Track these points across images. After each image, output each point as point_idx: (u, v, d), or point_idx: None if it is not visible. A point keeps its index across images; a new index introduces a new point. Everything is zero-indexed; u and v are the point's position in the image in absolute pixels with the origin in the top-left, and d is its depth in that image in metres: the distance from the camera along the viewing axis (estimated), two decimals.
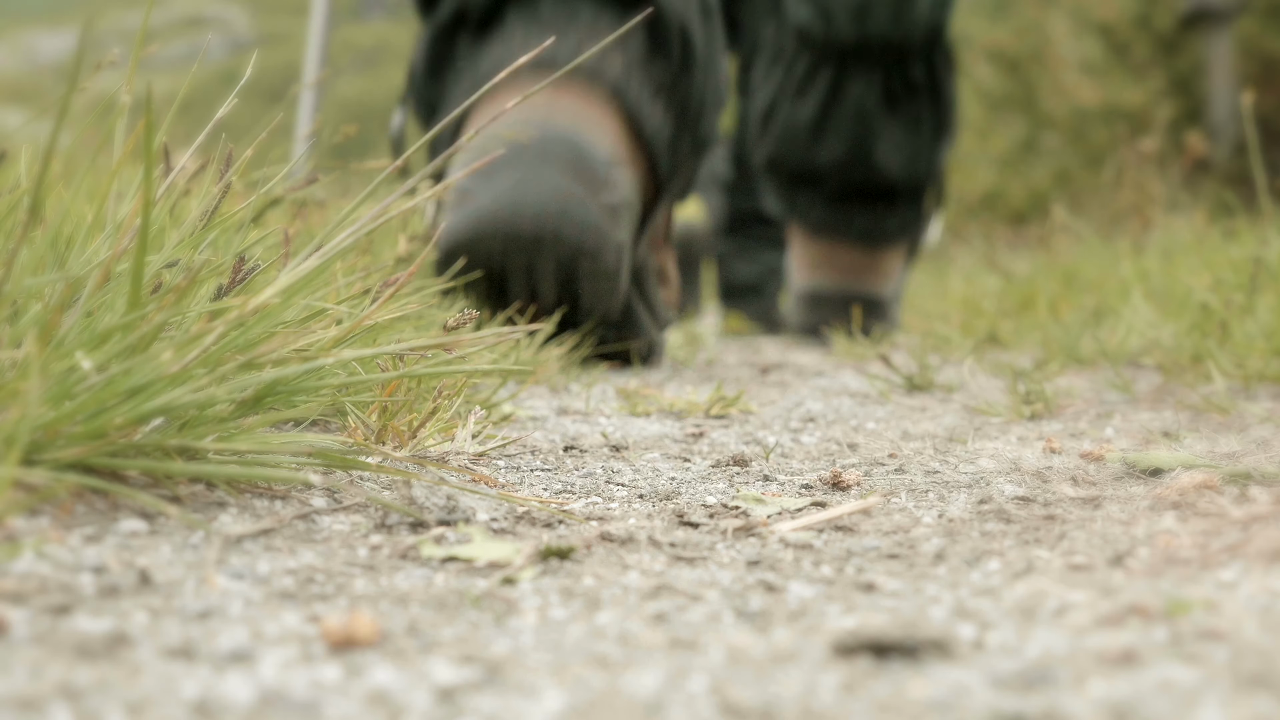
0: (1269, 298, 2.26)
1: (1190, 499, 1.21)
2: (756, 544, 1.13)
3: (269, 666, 0.74)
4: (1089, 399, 2.10)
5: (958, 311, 3.64)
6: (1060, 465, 1.45)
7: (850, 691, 0.74)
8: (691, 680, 0.76)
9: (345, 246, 1.16)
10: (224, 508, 1.06)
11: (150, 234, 1.02)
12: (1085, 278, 3.56)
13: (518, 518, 1.18)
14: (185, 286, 1.03)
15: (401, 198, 1.21)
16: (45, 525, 0.93)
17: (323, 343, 1.16)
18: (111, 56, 1.38)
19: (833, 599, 0.96)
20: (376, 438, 1.33)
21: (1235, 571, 0.96)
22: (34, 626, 0.76)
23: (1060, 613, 0.88)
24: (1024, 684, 0.74)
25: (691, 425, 1.88)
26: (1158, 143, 4.76)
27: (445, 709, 0.70)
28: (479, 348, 1.30)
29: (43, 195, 0.96)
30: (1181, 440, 1.57)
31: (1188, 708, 0.69)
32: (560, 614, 0.90)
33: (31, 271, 1.05)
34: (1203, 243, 3.38)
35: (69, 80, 0.97)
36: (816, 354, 3.33)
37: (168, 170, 1.33)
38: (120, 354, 1.00)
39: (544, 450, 1.59)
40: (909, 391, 2.29)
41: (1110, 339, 2.59)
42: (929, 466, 1.52)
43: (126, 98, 1.23)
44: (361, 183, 2.35)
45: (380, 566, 0.99)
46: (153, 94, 0.98)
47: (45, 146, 0.95)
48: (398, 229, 2.25)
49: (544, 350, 2.22)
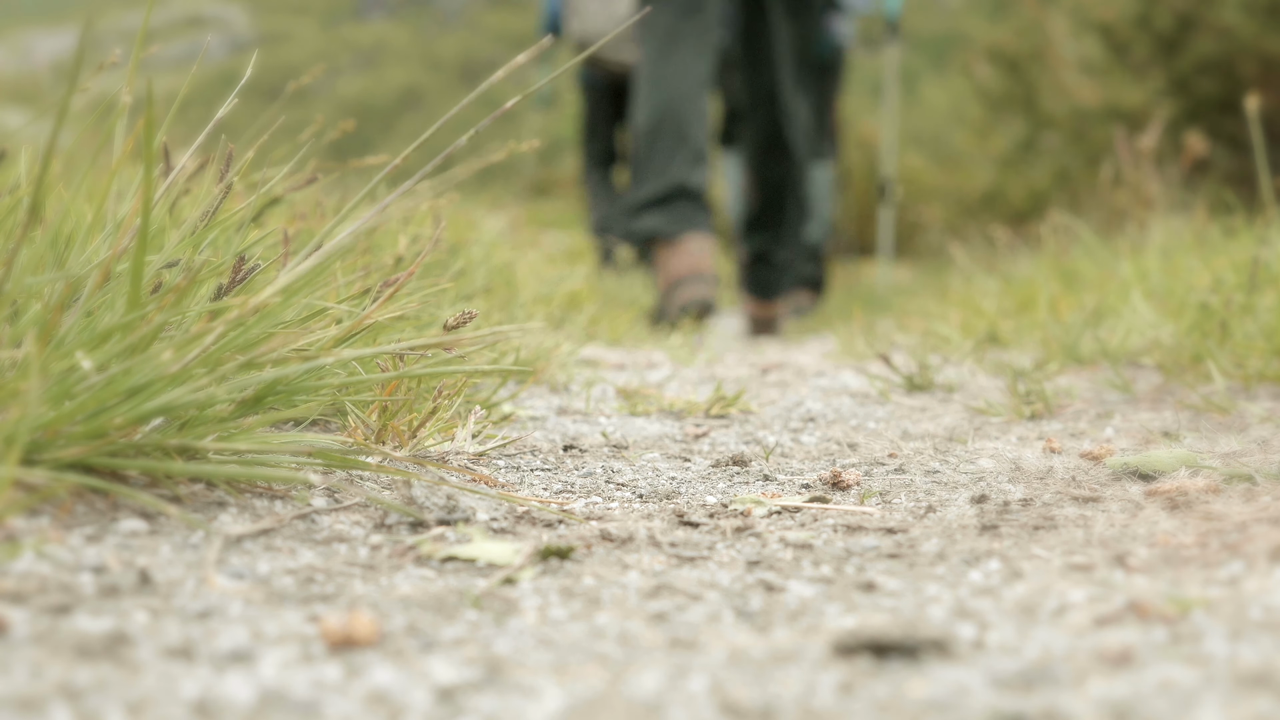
0: (1269, 297, 2.26)
1: (1190, 499, 1.21)
2: (756, 544, 1.13)
3: (269, 666, 0.74)
4: (1089, 399, 2.10)
5: (958, 311, 3.63)
6: (1060, 465, 1.45)
7: (850, 691, 0.74)
8: (691, 680, 0.76)
9: (345, 246, 1.16)
10: (224, 508, 1.06)
11: (150, 234, 1.02)
12: (1085, 278, 3.56)
13: (518, 517, 1.19)
14: (185, 286, 1.03)
15: (400, 197, 1.21)
16: (45, 525, 0.93)
17: (323, 342, 1.16)
18: (112, 56, 1.38)
19: (833, 599, 0.96)
20: (376, 438, 1.33)
21: (1236, 570, 0.96)
22: (34, 626, 0.76)
23: (1060, 612, 0.88)
24: (1024, 683, 0.74)
25: (691, 425, 1.88)
26: (1155, 141, 4.76)
27: (445, 709, 0.70)
28: (478, 347, 1.30)
29: (43, 195, 0.97)
30: (1181, 440, 1.57)
31: (1187, 707, 0.69)
32: (560, 614, 0.90)
33: (31, 271, 1.05)
34: (1202, 242, 3.38)
35: (69, 80, 0.97)
36: (816, 354, 3.33)
37: (168, 170, 1.33)
38: (120, 354, 1.00)
39: (544, 450, 1.59)
40: (909, 391, 2.29)
41: (1110, 339, 2.59)
42: (929, 466, 1.52)
43: (126, 98, 1.23)
44: (361, 181, 2.35)
45: (380, 566, 0.99)
46: (153, 94, 0.98)
47: (45, 146, 0.95)
48: (398, 229, 2.25)
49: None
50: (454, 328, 1.30)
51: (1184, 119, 7.70)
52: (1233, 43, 7.80)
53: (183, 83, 1.31)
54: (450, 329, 1.30)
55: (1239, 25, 7.75)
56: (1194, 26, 8.09)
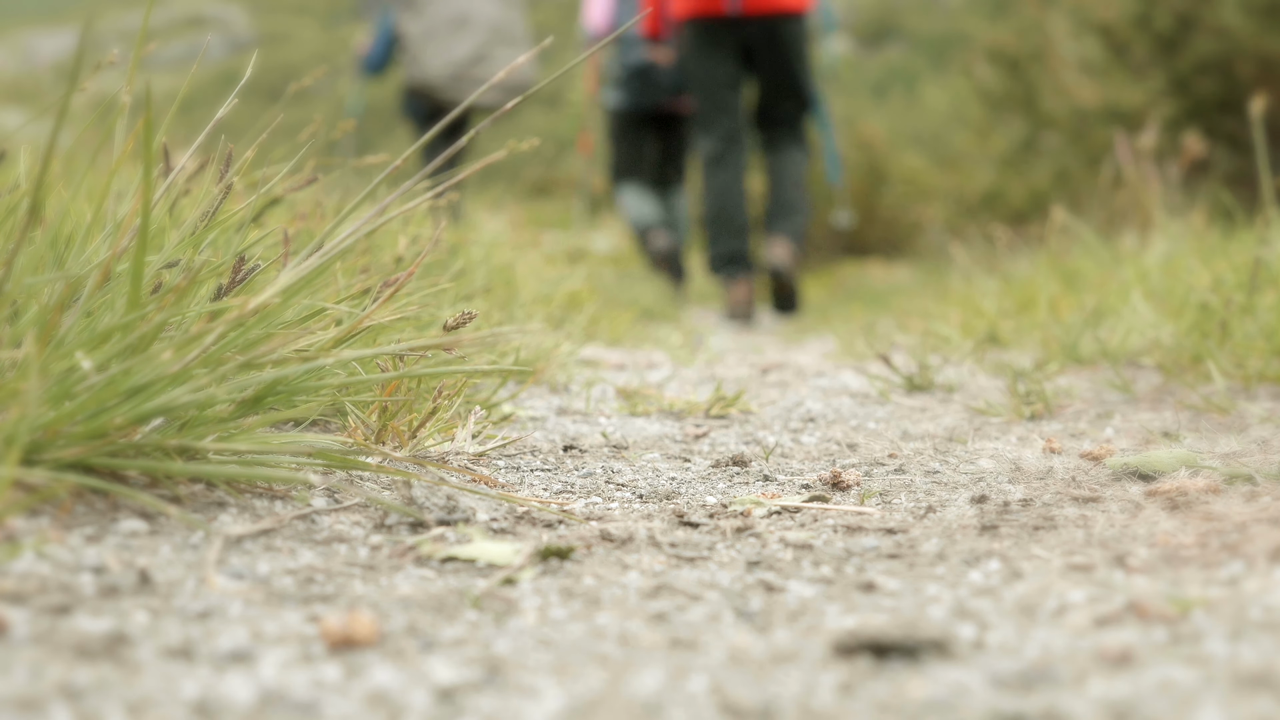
0: (1269, 298, 2.26)
1: (1190, 499, 1.21)
2: (756, 544, 1.13)
3: (269, 666, 0.74)
4: (1089, 399, 2.10)
5: (958, 311, 3.63)
6: (1060, 465, 1.45)
7: (850, 691, 0.74)
8: (691, 680, 0.76)
9: (345, 246, 1.16)
10: (224, 508, 1.06)
11: (150, 234, 1.02)
12: (1085, 278, 3.56)
13: (518, 518, 1.19)
14: (185, 286, 1.03)
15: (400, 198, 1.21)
16: (45, 525, 0.93)
17: (323, 343, 1.16)
18: (111, 56, 1.38)
19: (832, 599, 0.96)
20: (376, 438, 1.33)
21: (1236, 570, 0.96)
22: (34, 626, 0.76)
23: (1060, 612, 0.88)
24: (1024, 684, 0.74)
25: (691, 425, 1.88)
26: (1153, 140, 4.76)
27: (445, 709, 0.70)
28: (478, 347, 1.30)
29: (43, 195, 0.97)
30: (1181, 440, 1.57)
31: (1187, 707, 0.69)
32: (560, 614, 0.90)
33: (31, 271, 1.05)
34: (1203, 243, 3.38)
35: (69, 80, 0.97)
36: (816, 354, 3.33)
37: (168, 170, 1.33)
38: (120, 354, 1.00)
39: (544, 450, 1.59)
40: (909, 391, 2.29)
41: (1110, 339, 2.59)
42: (929, 467, 1.52)
43: (126, 98, 1.23)
44: (362, 181, 2.35)
45: (380, 567, 0.99)
46: (152, 94, 0.99)
47: (45, 146, 0.95)
48: (398, 229, 2.25)
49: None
50: (454, 328, 1.30)
51: (1184, 119, 7.70)
52: (1232, 43, 7.80)
53: (183, 83, 1.31)
54: (450, 329, 1.30)
55: (1238, 25, 7.75)
56: (1193, 26, 8.09)
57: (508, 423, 1.73)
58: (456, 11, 6.27)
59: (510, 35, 6.35)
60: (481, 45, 6.28)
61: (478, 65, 6.22)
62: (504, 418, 1.71)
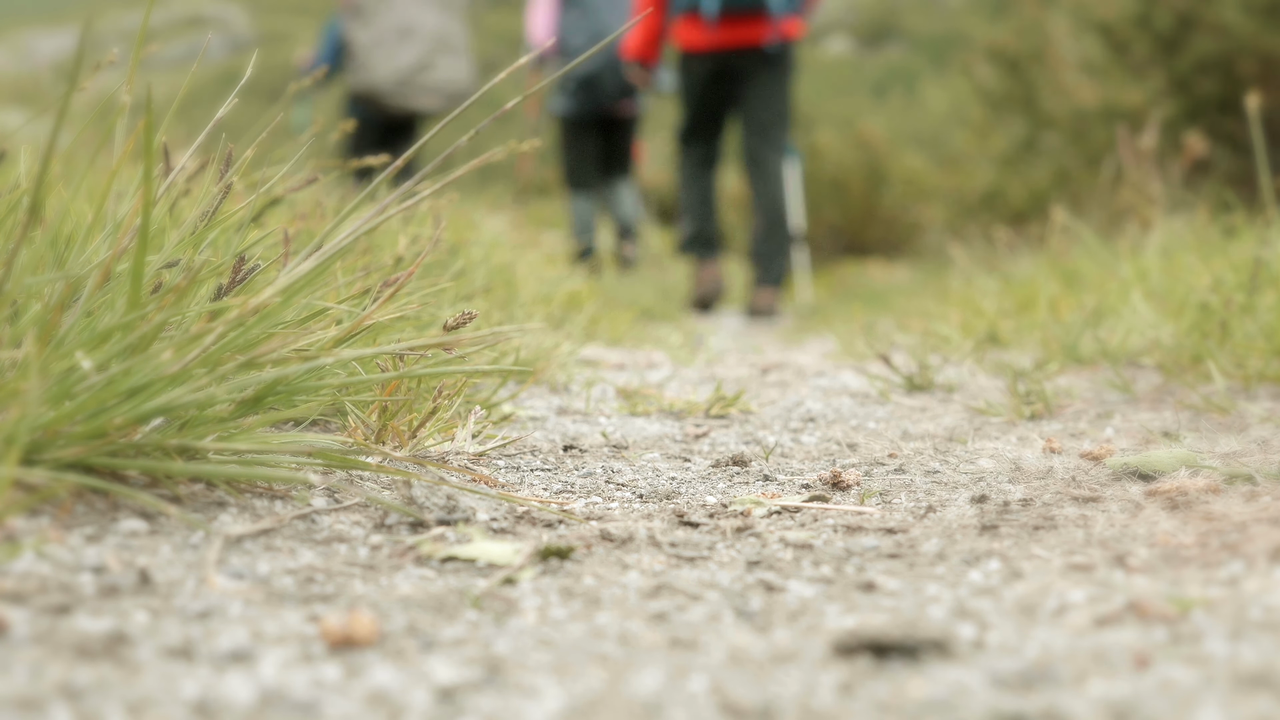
0: (1269, 298, 2.26)
1: (1190, 499, 1.21)
2: (756, 544, 1.13)
3: (269, 666, 0.74)
4: (1089, 399, 2.10)
5: (958, 311, 3.63)
6: (1060, 465, 1.45)
7: (850, 691, 0.74)
8: (691, 680, 0.76)
9: (345, 246, 1.16)
10: (224, 508, 1.06)
11: (150, 234, 1.02)
12: (1085, 278, 3.56)
13: (518, 517, 1.19)
14: (185, 286, 1.03)
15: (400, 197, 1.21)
16: (45, 525, 0.93)
17: (323, 343, 1.16)
18: (111, 56, 1.38)
19: (832, 599, 0.96)
20: (376, 438, 1.33)
21: (1236, 570, 0.96)
22: (34, 626, 0.76)
23: (1060, 612, 0.88)
24: (1024, 683, 0.74)
25: (691, 425, 1.88)
26: (1153, 140, 4.75)
27: (445, 709, 0.70)
28: (478, 347, 1.30)
29: (43, 195, 0.97)
30: (1181, 440, 1.57)
31: (1187, 707, 0.69)
32: (560, 614, 0.90)
33: (31, 271, 1.05)
34: (1203, 242, 3.38)
35: (69, 80, 0.97)
36: (816, 354, 3.33)
37: (168, 170, 1.33)
38: (120, 354, 1.00)
39: (544, 450, 1.59)
40: (909, 391, 2.29)
41: (1110, 339, 2.59)
42: (929, 466, 1.52)
43: (126, 98, 1.23)
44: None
45: (380, 566, 0.99)
46: (153, 94, 0.98)
47: (45, 146, 0.95)
48: (398, 229, 2.25)
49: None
50: (454, 328, 1.30)
51: (1184, 119, 7.70)
52: (1232, 42, 7.80)
53: (183, 83, 1.31)
54: (450, 329, 1.30)
55: (1238, 24, 7.75)
56: (1194, 26, 8.09)
57: (508, 422, 1.73)
58: (402, 21, 6.61)
59: (452, 45, 6.70)
60: (425, 54, 6.63)
61: (422, 73, 6.58)
62: (504, 417, 1.71)
